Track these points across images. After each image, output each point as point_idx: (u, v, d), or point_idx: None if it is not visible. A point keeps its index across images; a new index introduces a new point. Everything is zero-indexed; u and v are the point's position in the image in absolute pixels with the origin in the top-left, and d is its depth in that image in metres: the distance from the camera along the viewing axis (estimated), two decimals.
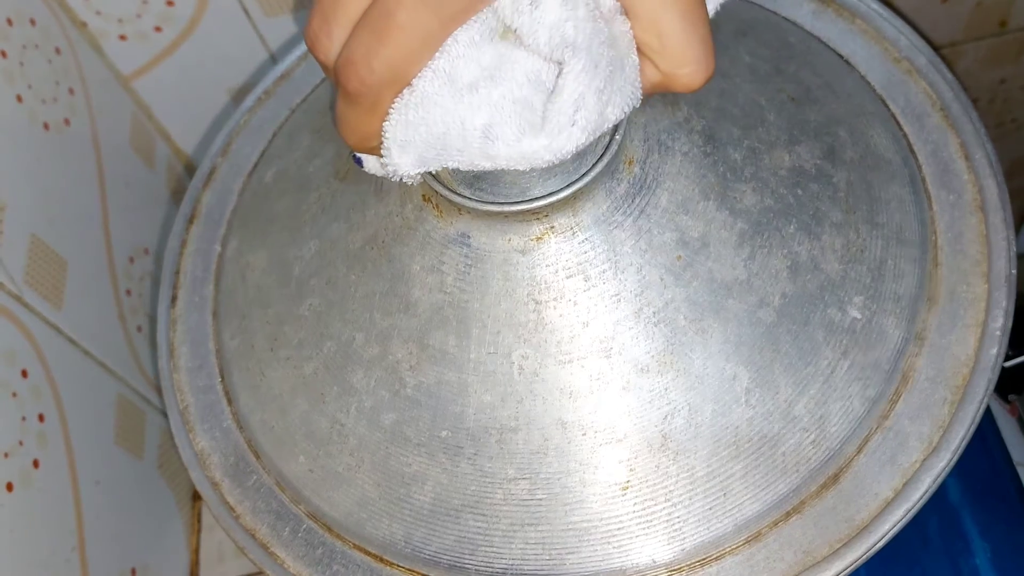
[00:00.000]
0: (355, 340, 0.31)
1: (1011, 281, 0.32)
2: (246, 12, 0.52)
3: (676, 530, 0.29)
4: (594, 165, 0.28)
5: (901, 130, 0.35)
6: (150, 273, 0.55)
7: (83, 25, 0.51)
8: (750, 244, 0.30)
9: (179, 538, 0.56)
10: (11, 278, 0.41)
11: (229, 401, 0.35)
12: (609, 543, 0.29)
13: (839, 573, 0.29)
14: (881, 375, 0.30)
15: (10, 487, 0.39)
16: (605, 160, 0.28)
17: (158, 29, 0.52)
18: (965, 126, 0.35)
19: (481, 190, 0.29)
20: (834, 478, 0.30)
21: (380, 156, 0.25)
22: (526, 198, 0.28)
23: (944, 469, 0.29)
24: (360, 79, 0.23)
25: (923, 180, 0.34)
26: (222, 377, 0.35)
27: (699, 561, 0.29)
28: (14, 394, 0.40)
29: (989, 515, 0.44)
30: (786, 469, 0.29)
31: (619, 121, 0.25)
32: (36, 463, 0.41)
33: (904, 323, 0.31)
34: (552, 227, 0.29)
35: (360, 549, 0.31)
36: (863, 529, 0.29)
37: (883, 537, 0.29)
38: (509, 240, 0.29)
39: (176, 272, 0.38)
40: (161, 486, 0.54)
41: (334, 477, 0.31)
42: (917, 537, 0.44)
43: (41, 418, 0.42)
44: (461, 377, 0.30)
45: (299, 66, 0.42)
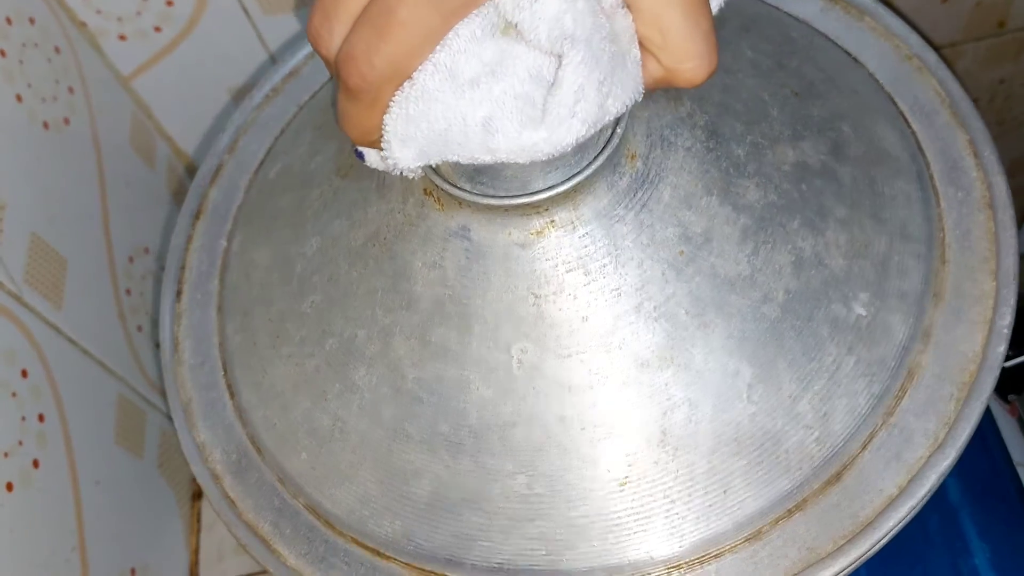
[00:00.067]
0: (357, 337, 0.31)
1: (1016, 277, 0.31)
2: (245, 11, 0.52)
3: (675, 527, 0.29)
4: (595, 159, 0.28)
5: (909, 127, 0.35)
6: (151, 272, 0.55)
7: (83, 24, 0.51)
8: (753, 239, 0.30)
9: (179, 537, 0.56)
10: (11, 277, 0.41)
11: (231, 396, 0.35)
12: (607, 539, 0.29)
13: (843, 570, 0.29)
14: (886, 372, 0.30)
15: (10, 487, 0.39)
16: (606, 154, 0.28)
17: (158, 28, 0.52)
18: (974, 123, 0.34)
19: (482, 184, 0.28)
20: (837, 475, 0.29)
21: (381, 150, 0.25)
22: (527, 192, 0.28)
23: (949, 466, 0.29)
24: (361, 74, 0.23)
25: (931, 177, 0.34)
26: (225, 372, 0.35)
27: (698, 559, 0.29)
28: (14, 394, 0.40)
29: (989, 515, 0.44)
30: (789, 466, 0.29)
31: (620, 115, 0.24)
32: (36, 463, 0.41)
33: (910, 320, 0.31)
34: (552, 221, 0.29)
35: (360, 545, 0.31)
36: (867, 526, 0.29)
37: (887, 534, 0.29)
38: (509, 234, 0.29)
39: (181, 267, 0.38)
40: (161, 486, 0.54)
41: (335, 473, 0.31)
42: (917, 537, 0.44)
43: (41, 418, 0.42)
44: (462, 373, 0.30)
45: (306, 64, 0.42)
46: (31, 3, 0.47)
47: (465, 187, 0.29)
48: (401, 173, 0.26)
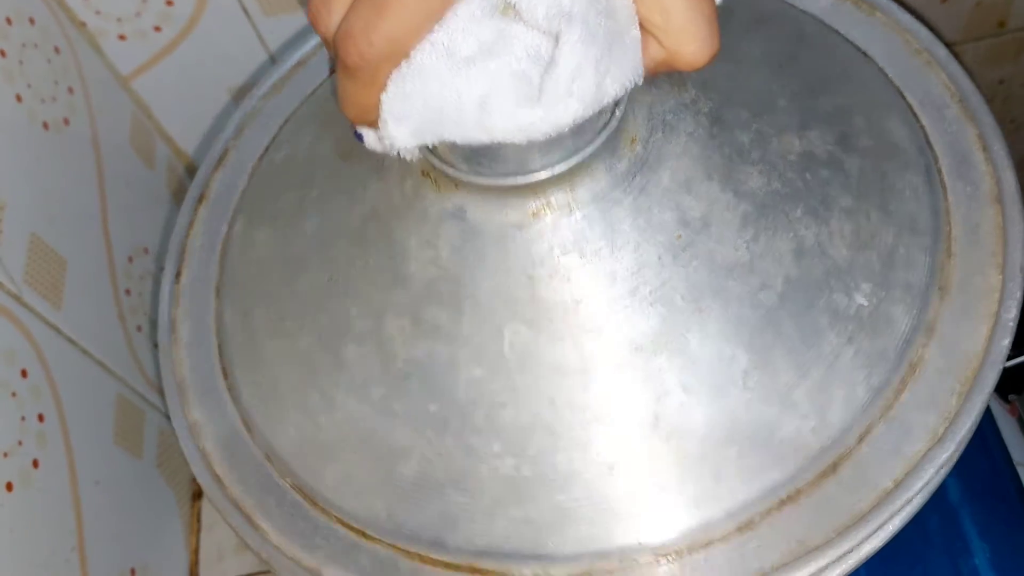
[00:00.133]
0: (350, 314, 0.31)
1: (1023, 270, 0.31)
2: (245, 11, 0.52)
3: (665, 514, 0.28)
4: (594, 141, 0.28)
5: (918, 121, 0.34)
6: (150, 273, 0.55)
7: (82, 24, 0.51)
8: (754, 226, 0.29)
9: (178, 538, 0.56)
10: (10, 277, 0.41)
11: (225, 375, 0.35)
12: (595, 524, 0.28)
13: (833, 562, 0.28)
14: (887, 364, 0.30)
15: (10, 487, 0.39)
16: (604, 136, 0.28)
17: (157, 28, 0.52)
18: (984, 118, 0.34)
19: (479, 165, 0.28)
20: (833, 467, 0.29)
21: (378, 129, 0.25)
22: (523, 173, 0.28)
23: (948, 460, 0.29)
24: (359, 52, 0.23)
25: (939, 171, 0.33)
26: (220, 353, 0.35)
27: (688, 547, 0.28)
28: (13, 394, 0.40)
29: (989, 515, 0.44)
30: (783, 456, 0.28)
31: (620, 96, 0.24)
32: (36, 463, 0.41)
33: (914, 312, 0.30)
34: (549, 203, 0.28)
35: (343, 523, 0.31)
36: (861, 518, 0.28)
37: (881, 527, 0.28)
38: (505, 215, 0.29)
39: (182, 251, 0.38)
40: (160, 485, 0.54)
41: (322, 451, 0.31)
42: (917, 537, 0.44)
43: (41, 418, 0.42)
44: (452, 352, 0.29)
45: (314, 55, 0.42)
46: (31, 3, 0.47)
47: (462, 168, 0.28)
48: (399, 154, 0.26)
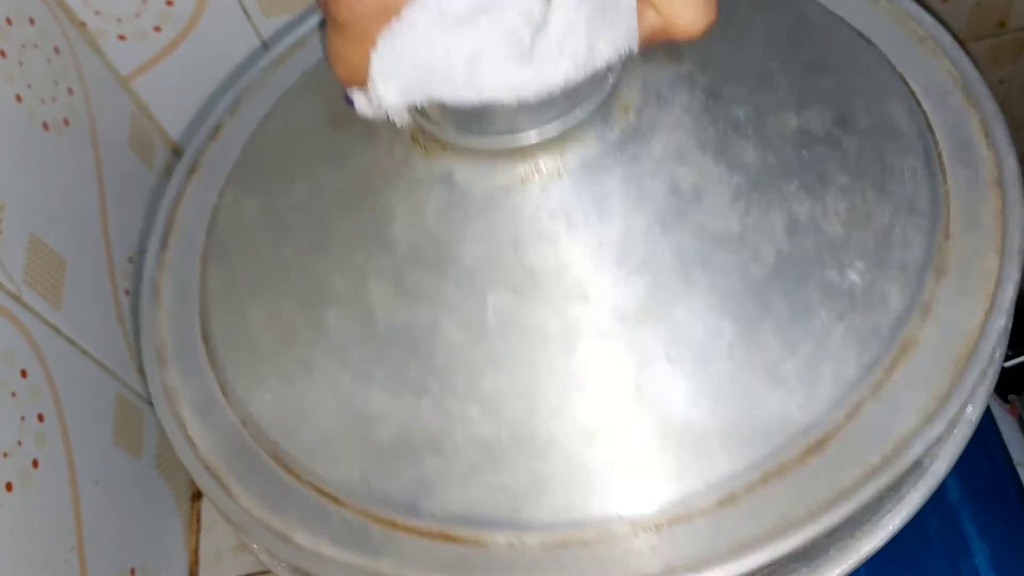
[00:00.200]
0: (332, 278, 0.31)
1: (1022, 253, 0.31)
2: (245, 12, 0.52)
3: (644, 485, 0.28)
4: (585, 105, 0.27)
5: (920, 107, 0.34)
6: None
7: (82, 25, 0.51)
8: (746, 199, 0.29)
9: (178, 538, 0.56)
10: (10, 278, 0.41)
11: (205, 341, 0.34)
12: (572, 493, 0.28)
13: (815, 537, 0.27)
14: (879, 342, 0.29)
15: (9, 487, 0.39)
16: (597, 101, 0.27)
17: (157, 29, 0.52)
18: (987, 104, 0.33)
19: (468, 128, 0.28)
20: (820, 444, 0.28)
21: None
22: (513, 135, 0.27)
23: (936, 438, 0.28)
24: (350, 8, 0.23)
25: (939, 155, 0.33)
26: (201, 319, 0.35)
27: (667, 519, 0.28)
28: (13, 394, 0.40)
29: (989, 515, 0.44)
30: (768, 430, 0.28)
31: (613, 61, 0.24)
32: (35, 463, 0.41)
33: (909, 292, 0.30)
34: (538, 168, 0.28)
35: (315, 488, 0.30)
36: (845, 494, 0.27)
37: (865, 503, 0.27)
38: (493, 180, 0.28)
39: (170, 219, 0.38)
40: (160, 486, 0.54)
41: (298, 415, 0.31)
42: (917, 537, 0.44)
43: (40, 418, 0.42)
44: (434, 316, 0.29)
45: (315, 34, 0.42)
46: (31, 4, 0.47)
47: (451, 132, 0.28)
48: (389, 119, 0.25)
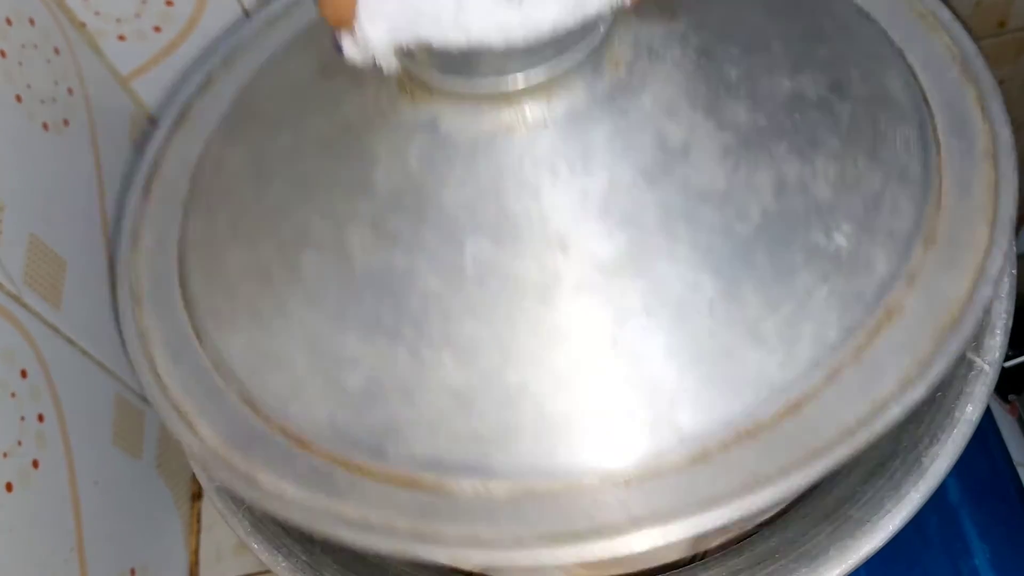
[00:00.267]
0: (311, 223, 0.31)
1: (1013, 224, 0.30)
2: (245, 12, 0.52)
3: (616, 438, 0.27)
4: (574, 53, 0.27)
5: (917, 80, 0.34)
6: None
7: (82, 25, 0.51)
8: (735, 157, 0.29)
9: (178, 538, 0.56)
10: (10, 278, 0.41)
11: (182, 285, 0.34)
12: (542, 443, 0.27)
13: (785, 495, 0.27)
14: (863, 306, 0.29)
15: (9, 487, 0.39)
16: (586, 50, 0.27)
17: (157, 29, 0.52)
18: (984, 78, 0.33)
19: (455, 72, 0.28)
20: (797, 405, 0.28)
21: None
22: (500, 79, 0.27)
23: (916, 402, 0.27)
24: None
25: (934, 127, 0.33)
26: (180, 262, 0.35)
27: (636, 473, 0.27)
28: (13, 394, 0.40)
29: (989, 516, 0.44)
30: (745, 388, 0.27)
31: (602, 10, 0.24)
32: (35, 463, 0.41)
33: (895, 258, 0.30)
34: (524, 116, 0.28)
35: (283, 431, 0.30)
36: (817, 453, 0.27)
37: (838, 463, 0.27)
38: (478, 127, 0.28)
39: (154, 168, 0.38)
40: (159, 486, 0.54)
41: (270, 358, 0.31)
42: (916, 537, 0.44)
43: (40, 418, 0.42)
44: (411, 262, 0.29)
45: None
46: (31, 4, 0.47)
47: (437, 75, 0.28)
48: (376, 65, 0.25)
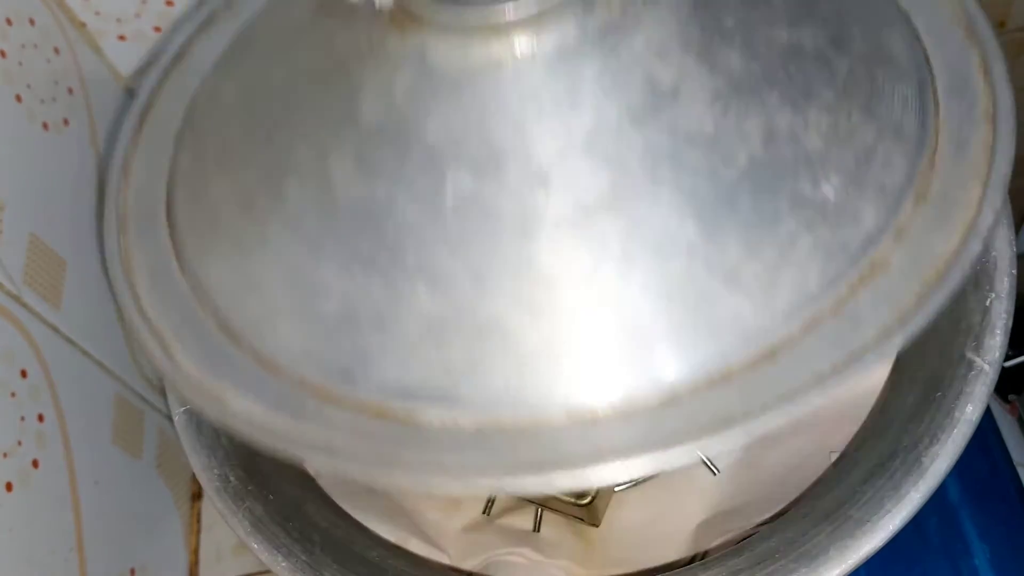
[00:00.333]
0: (296, 154, 0.31)
1: (1007, 184, 0.30)
2: None
3: (586, 375, 0.27)
4: None
5: (920, 42, 0.33)
6: None
7: (82, 25, 0.51)
8: (725, 103, 0.28)
9: (178, 538, 0.56)
10: (10, 278, 0.41)
11: (168, 213, 0.35)
12: (511, 377, 0.27)
13: (751, 437, 0.26)
14: (847, 257, 0.28)
15: (9, 487, 0.39)
16: None
17: (157, 29, 0.52)
18: (988, 41, 0.33)
19: (446, 3, 0.28)
20: (772, 353, 0.27)
21: None
22: (490, 8, 0.27)
23: (894, 351, 0.27)
24: None
25: (934, 89, 0.32)
26: (168, 191, 0.35)
27: (604, 412, 0.27)
28: (13, 394, 0.40)
29: (988, 516, 0.44)
30: (720, 332, 0.27)
31: None
32: (35, 463, 0.41)
33: (884, 212, 0.29)
34: (512, 49, 0.28)
35: (256, 357, 0.30)
36: (787, 397, 0.26)
37: (808, 409, 0.26)
38: (466, 59, 0.28)
39: (148, 105, 0.38)
40: (159, 486, 0.54)
41: (248, 285, 0.31)
42: (916, 537, 0.44)
43: (40, 418, 0.42)
44: (391, 193, 0.29)
45: None
46: (31, 4, 0.47)
47: (428, 4, 0.28)
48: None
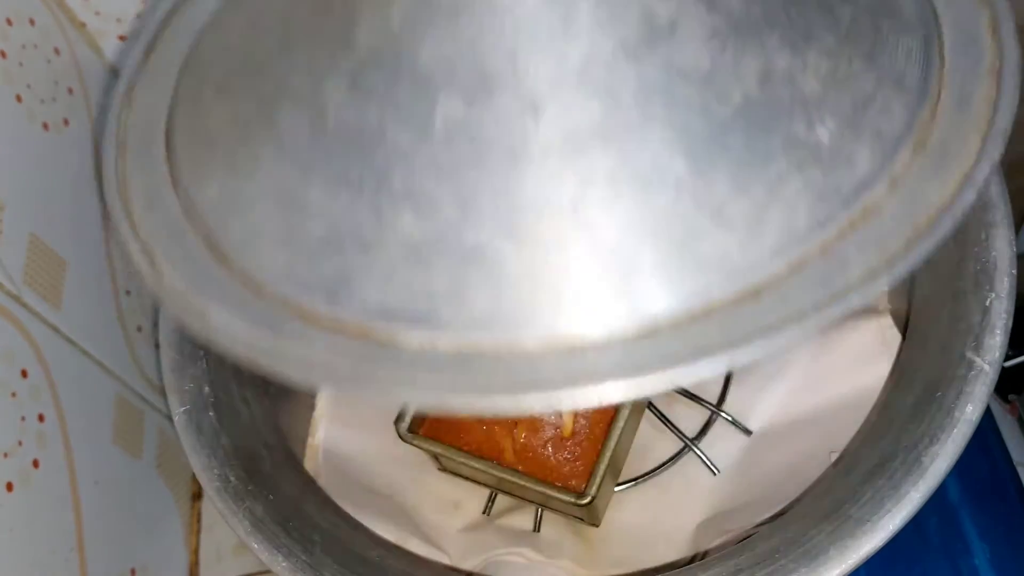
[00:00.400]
0: (292, 79, 0.31)
1: (1006, 138, 0.29)
2: None
3: (565, 304, 0.27)
4: None
5: (930, 1, 0.33)
6: None
7: (82, 25, 0.51)
8: (722, 40, 0.28)
9: (178, 538, 0.56)
10: (10, 278, 0.41)
11: (167, 137, 0.35)
12: (491, 303, 0.27)
13: (726, 368, 0.26)
14: (838, 201, 0.28)
15: (10, 487, 0.39)
16: None
17: None
18: (1000, 3, 0.32)
19: None
20: (755, 291, 0.27)
21: None
22: None
23: (875, 293, 0.27)
24: None
25: (940, 44, 0.32)
26: (169, 117, 0.35)
27: (581, 341, 0.27)
28: (13, 394, 0.40)
29: (988, 515, 0.44)
30: (703, 269, 0.27)
31: None
32: (36, 463, 0.41)
33: (879, 159, 0.29)
34: None
35: (241, 278, 0.30)
36: (765, 332, 0.26)
37: (786, 345, 0.26)
38: None
39: (157, 33, 0.38)
40: (160, 486, 0.54)
41: (238, 206, 0.31)
42: (916, 537, 0.44)
43: (41, 418, 0.42)
44: (382, 117, 0.29)
45: None
46: (31, 4, 0.47)
47: None
48: None
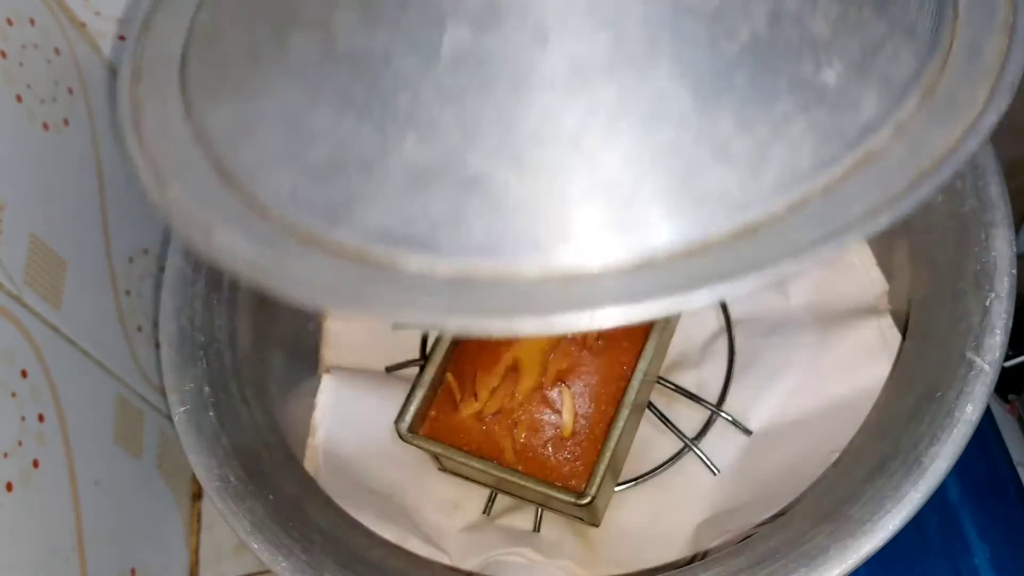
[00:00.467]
0: (305, 4, 0.31)
1: (1015, 89, 0.29)
2: None
3: (563, 232, 0.27)
4: None
5: None
6: (150, 274, 0.56)
7: (82, 25, 0.51)
8: None
9: (178, 537, 0.56)
10: (10, 278, 0.41)
11: (182, 64, 0.35)
12: (491, 229, 0.27)
13: (718, 299, 0.26)
14: (842, 141, 0.28)
15: (10, 487, 0.39)
16: None
17: None
18: None
19: None
20: (754, 228, 0.27)
21: None
22: None
23: (876, 231, 0.27)
24: None
25: (955, 3, 0.32)
26: (185, 46, 0.35)
27: (576, 270, 0.27)
28: (13, 394, 0.40)
29: (988, 515, 0.44)
30: (703, 204, 0.27)
31: None
32: (36, 463, 0.41)
33: (885, 103, 0.29)
34: None
35: (247, 201, 0.30)
36: (758, 264, 0.26)
37: (780, 277, 0.26)
38: None
39: None
40: (160, 486, 0.54)
41: (247, 129, 0.31)
42: (916, 537, 0.44)
43: (41, 418, 0.42)
44: (390, 42, 0.29)
45: None
46: (31, 4, 0.47)
47: None
48: None
